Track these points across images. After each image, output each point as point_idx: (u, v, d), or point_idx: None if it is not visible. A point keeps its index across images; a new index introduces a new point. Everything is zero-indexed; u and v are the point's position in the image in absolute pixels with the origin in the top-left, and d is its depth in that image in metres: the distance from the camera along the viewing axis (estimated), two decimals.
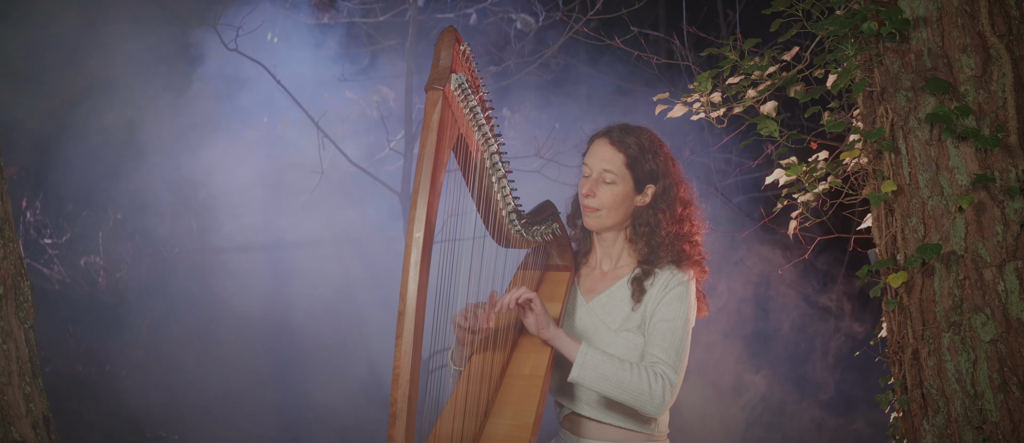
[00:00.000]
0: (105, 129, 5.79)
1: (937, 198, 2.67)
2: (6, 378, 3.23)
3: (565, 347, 2.40)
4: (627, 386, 2.36)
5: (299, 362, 6.29)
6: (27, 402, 3.27)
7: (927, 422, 2.71)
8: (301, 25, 6.40)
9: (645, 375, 2.38)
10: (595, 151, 2.56)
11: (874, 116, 2.78)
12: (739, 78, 3.05)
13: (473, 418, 2.34)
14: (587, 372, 2.36)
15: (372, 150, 6.37)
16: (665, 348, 2.44)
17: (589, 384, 2.37)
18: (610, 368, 2.37)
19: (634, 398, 2.37)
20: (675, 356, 2.44)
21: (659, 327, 2.47)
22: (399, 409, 1.99)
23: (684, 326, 2.47)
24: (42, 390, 3.32)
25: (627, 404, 2.39)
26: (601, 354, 2.38)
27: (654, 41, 6.52)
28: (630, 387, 2.36)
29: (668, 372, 2.41)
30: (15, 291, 3.28)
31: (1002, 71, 2.62)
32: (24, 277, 3.31)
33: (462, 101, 2.19)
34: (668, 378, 2.40)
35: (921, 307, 2.70)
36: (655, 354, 2.43)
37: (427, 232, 2.03)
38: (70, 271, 6.14)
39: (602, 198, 2.54)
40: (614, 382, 2.36)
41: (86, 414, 5.49)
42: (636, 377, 2.37)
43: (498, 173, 2.38)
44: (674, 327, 2.46)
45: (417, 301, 2.00)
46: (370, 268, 6.29)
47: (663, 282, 2.52)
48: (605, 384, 2.37)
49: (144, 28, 5.89)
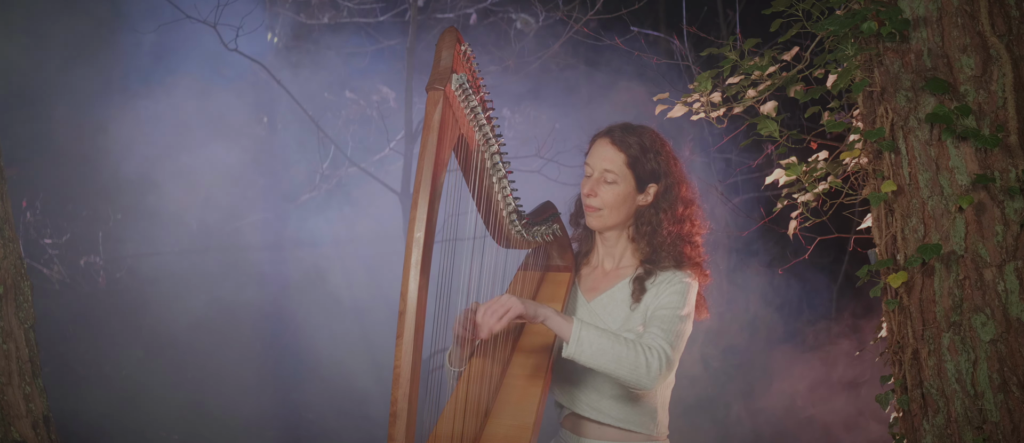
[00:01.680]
0: (105, 129, 5.79)
1: (937, 198, 2.67)
2: (6, 378, 3.23)
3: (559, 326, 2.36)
4: (623, 359, 2.33)
5: (299, 362, 6.29)
6: (27, 402, 3.27)
7: (927, 422, 2.71)
8: (301, 25, 6.40)
9: (641, 348, 2.35)
10: (596, 151, 2.56)
11: (874, 116, 2.78)
12: (739, 78, 3.05)
13: (473, 418, 2.34)
14: (583, 347, 2.33)
15: (372, 150, 6.38)
16: (664, 329, 2.41)
17: (586, 359, 2.33)
18: (606, 342, 2.34)
19: (631, 371, 2.33)
20: (675, 337, 2.42)
21: (658, 314, 2.46)
22: (399, 409, 1.99)
23: (683, 316, 2.46)
24: (42, 390, 3.32)
25: (623, 379, 2.35)
26: (596, 329, 2.35)
27: (654, 41, 6.52)
28: (626, 360, 2.33)
29: (664, 347, 2.38)
30: (15, 291, 3.28)
31: (1002, 71, 2.62)
32: (24, 277, 3.31)
33: (463, 101, 2.19)
34: (664, 351, 2.37)
35: (921, 307, 2.70)
36: (652, 333, 2.42)
37: (428, 232, 2.03)
38: (70, 271, 6.14)
39: (603, 198, 2.54)
40: (611, 355, 2.33)
41: (86, 414, 5.49)
42: (632, 350, 2.34)
43: (499, 173, 2.38)
44: (673, 314, 2.45)
45: (418, 301, 2.00)
46: (370, 268, 6.30)
47: (665, 280, 2.52)
48: (602, 358, 2.33)
49: (143, 28, 5.89)
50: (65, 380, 5.57)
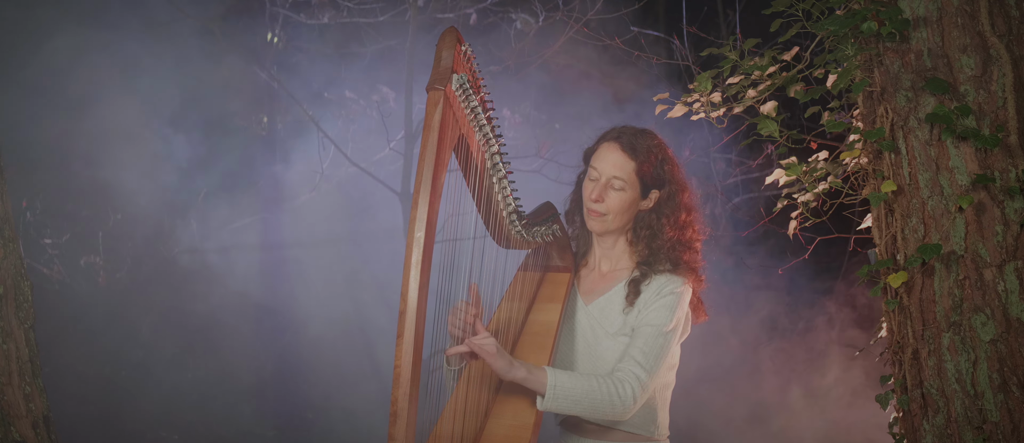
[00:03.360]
0: (105, 129, 5.79)
1: (937, 198, 2.67)
2: (6, 378, 3.23)
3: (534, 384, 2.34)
4: (598, 402, 2.36)
5: (299, 362, 6.29)
6: (27, 402, 3.27)
7: (927, 422, 2.71)
8: (301, 25, 6.40)
9: (613, 385, 2.37)
10: (605, 155, 2.55)
11: (874, 116, 2.78)
12: (739, 78, 3.05)
13: (474, 418, 2.34)
14: (559, 396, 2.34)
15: (372, 150, 6.38)
16: (644, 351, 2.43)
17: (563, 412, 2.37)
18: (579, 386, 2.35)
19: (608, 410, 2.38)
20: (653, 360, 2.43)
21: (643, 331, 2.47)
22: (399, 409, 1.99)
23: (668, 334, 2.46)
24: (42, 390, 3.32)
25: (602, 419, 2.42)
26: (567, 374, 2.37)
27: (654, 41, 6.52)
28: (601, 402, 2.36)
29: (637, 373, 2.40)
30: (15, 291, 3.28)
31: (1002, 71, 2.62)
32: (24, 277, 3.32)
33: (463, 101, 2.19)
34: (637, 378, 2.39)
35: (921, 307, 2.70)
36: (632, 355, 2.43)
37: (428, 232, 2.03)
38: (70, 271, 6.14)
39: (610, 203, 2.53)
40: (585, 404, 2.36)
41: (86, 414, 5.49)
42: (604, 391, 2.36)
43: (499, 173, 2.38)
44: (657, 332, 2.45)
45: (418, 301, 2.00)
46: (370, 268, 6.30)
47: (657, 288, 2.51)
48: (577, 408, 2.36)
49: (144, 27, 5.89)
50: (65, 380, 5.57)
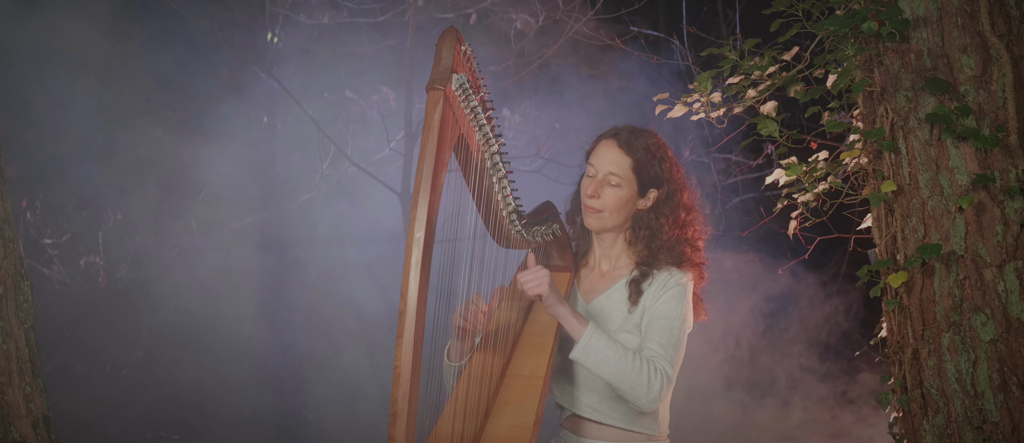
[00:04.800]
0: (105, 129, 5.79)
1: (937, 198, 2.67)
2: (6, 378, 3.23)
3: (572, 328, 2.40)
4: (627, 375, 2.37)
5: (299, 362, 6.29)
6: (27, 402, 3.27)
7: (927, 422, 2.71)
8: (301, 25, 6.40)
9: (646, 368, 2.38)
10: (602, 152, 2.55)
11: (874, 116, 2.78)
12: (739, 78, 3.05)
13: (473, 418, 2.34)
14: (590, 354, 2.37)
15: (372, 150, 6.38)
16: (662, 344, 2.44)
17: (590, 365, 2.38)
18: (613, 354, 2.37)
19: (631, 388, 2.37)
20: (672, 352, 2.44)
21: (656, 324, 2.47)
22: (399, 409, 1.99)
23: (681, 325, 2.47)
24: (42, 390, 3.32)
25: (623, 393, 2.39)
26: (606, 338, 2.39)
27: (654, 41, 6.52)
28: (629, 377, 2.37)
29: (666, 367, 2.42)
30: (15, 291, 3.28)
31: (1002, 71, 2.62)
32: (24, 277, 3.31)
33: (463, 101, 2.19)
34: (666, 373, 2.41)
35: (921, 307, 2.70)
36: (652, 349, 2.43)
37: (428, 232, 2.03)
38: (70, 271, 6.14)
39: (606, 200, 2.54)
40: (615, 368, 2.37)
41: (86, 414, 5.49)
42: (637, 368, 2.37)
43: (499, 173, 2.38)
44: (671, 324, 2.46)
45: (418, 301, 2.00)
46: (370, 268, 6.30)
47: (661, 282, 2.52)
48: (605, 368, 2.37)
49: (144, 27, 5.89)
50: (65, 380, 5.58)
